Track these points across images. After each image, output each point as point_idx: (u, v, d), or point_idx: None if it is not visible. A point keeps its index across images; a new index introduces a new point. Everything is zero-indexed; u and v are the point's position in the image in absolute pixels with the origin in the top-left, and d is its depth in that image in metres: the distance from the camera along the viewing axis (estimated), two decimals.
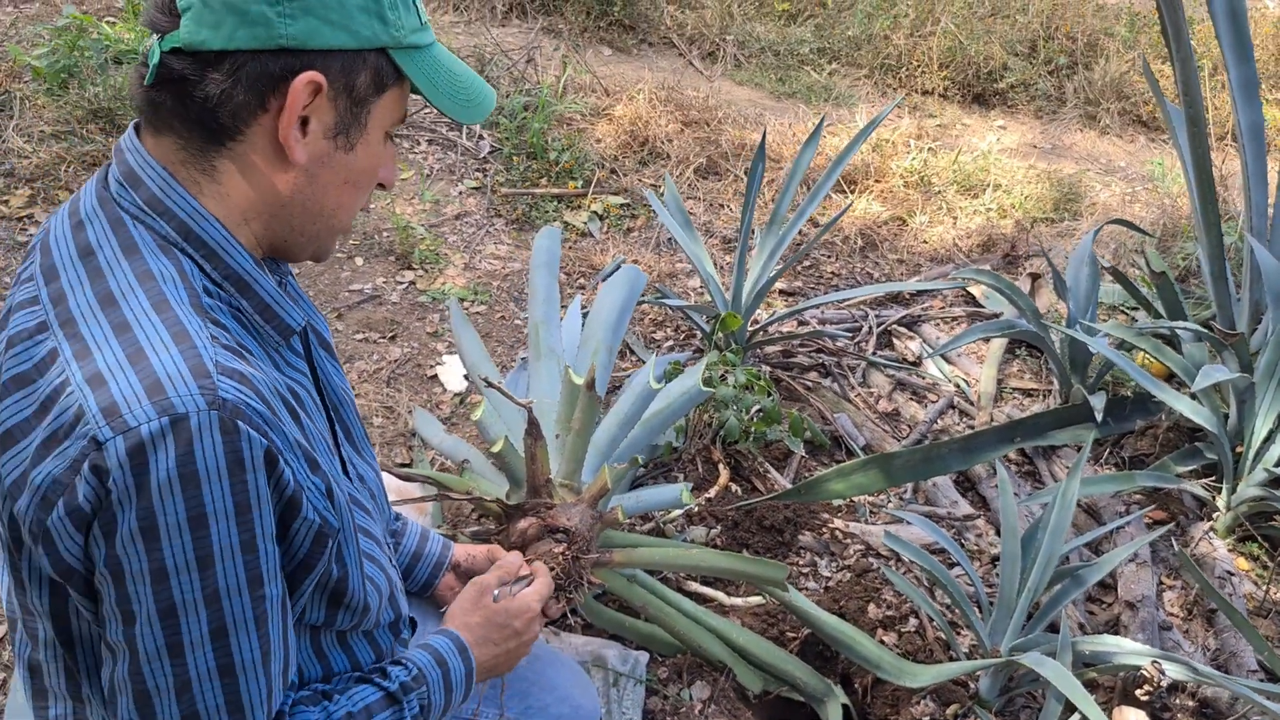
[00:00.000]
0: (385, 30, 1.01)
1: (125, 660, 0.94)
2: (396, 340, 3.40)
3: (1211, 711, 2.35)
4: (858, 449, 3.06)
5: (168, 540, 0.89)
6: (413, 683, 1.19)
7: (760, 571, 1.99)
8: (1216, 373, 2.59)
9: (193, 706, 0.95)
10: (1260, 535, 2.80)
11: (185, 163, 1.01)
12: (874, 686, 2.34)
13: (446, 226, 4.09)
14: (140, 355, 0.91)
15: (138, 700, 0.95)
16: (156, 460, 0.88)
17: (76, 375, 0.91)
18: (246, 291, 1.04)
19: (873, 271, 4.16)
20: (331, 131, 1.03)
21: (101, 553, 0.90)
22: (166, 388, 0.89)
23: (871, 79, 6.21)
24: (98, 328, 0.93)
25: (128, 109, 4.01)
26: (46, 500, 0.90)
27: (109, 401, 0.89)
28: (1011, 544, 2.28)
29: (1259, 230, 3.17)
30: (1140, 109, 6.08)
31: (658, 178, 4.56)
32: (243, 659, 0.97)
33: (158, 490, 0.88)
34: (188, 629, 0.93)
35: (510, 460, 1.89)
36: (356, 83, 1.02)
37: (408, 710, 1.16)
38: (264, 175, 1.02)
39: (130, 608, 0.91)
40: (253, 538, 0.94)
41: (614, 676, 2.16)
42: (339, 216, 1.11)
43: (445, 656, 1.26)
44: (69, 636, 1.02)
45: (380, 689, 1.16)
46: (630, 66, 5.81)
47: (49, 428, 0.91)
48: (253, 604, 0.96)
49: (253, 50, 0.96)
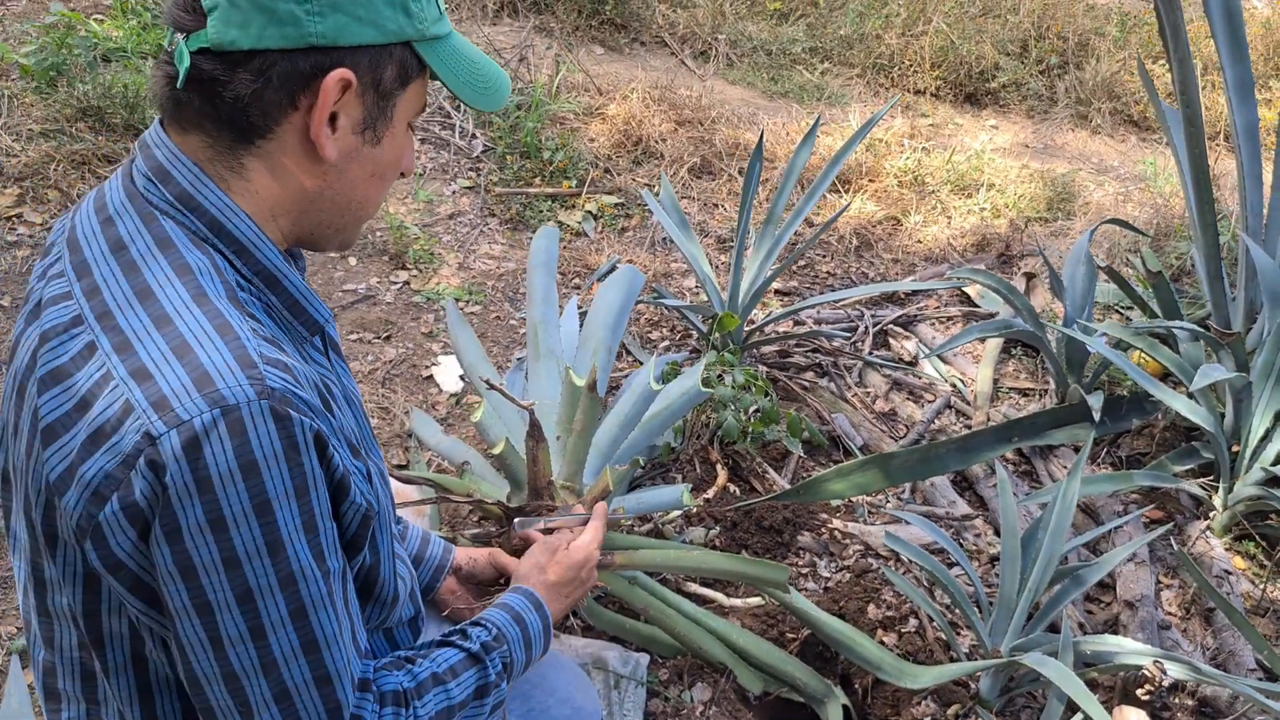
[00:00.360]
0: (410, 23, 1.02)
1: (207, 651, 0.94)
2: (391, 341, 3.38)
3: (1211, 710, 2.35)
4: (855, 449, 3.06)
5: (236, 530, 0.90)
6: (493, 642, 1.21)
7: (761, 573, 1.98)
8: (1214, 372, 2.59)
9: (282, 684, 0.97)
10: (1257, 534, 2.81)
11: (213, 160, 1.01)
12: (874, 687, 2.33)
13: (440, 226, 4.07)
14: (185, 348, 0.91)
15: (227, 683, 0.96)
16: (213, 452, 0.88)
17: (119, 369, 0.91)
18: (276, 287, 1.05)
19: (868, 271, 4.16)
20: (359, 126, 1.03)
21: (167, 551, 0.90)
22: (215, 380, 0.90)
23: (864, 78, 6.20)
24: (136, 320, 0.93)
25: (117, 107, 3.98)
26: (99, 495, 0.89)
27: (158, 395, 0.89)
28: (1011, 544, 2.28)
29: (1254, 230, 3.18)
30: (1132, 108, 6.09)
31: (652, 177, 4.55)
32: (324, 634, 0.98)
33: (219, 481, 0.89)
34: (267, 611, 0.94)
35: (511, 462, 1.88)
36: (383, 77, 1.02)
37: (491, 668, 1.18)
38: (293, 173, 1.03)
39: (207, 599, 0.92)
40: (313, 517, 0.95)
41: (615, 678, 2.14)
42: (366, 208, 1.11)
43: (522, 613, 1.29)
44: (99, 635, 1.01)
45: (462, 650, 1.18)
46: (623, 65, 5.80)
47: (94, 422, 0.90)
48: (324, 580, 0.98)
49: (282, 49, 0.95)
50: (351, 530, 1.04)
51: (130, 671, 1.03)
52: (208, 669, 0.95)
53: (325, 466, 0.97)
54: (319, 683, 0.99)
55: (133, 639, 1.01)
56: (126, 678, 1.03)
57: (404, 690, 1.10)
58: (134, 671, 1.03)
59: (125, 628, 1.00)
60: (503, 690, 1.21)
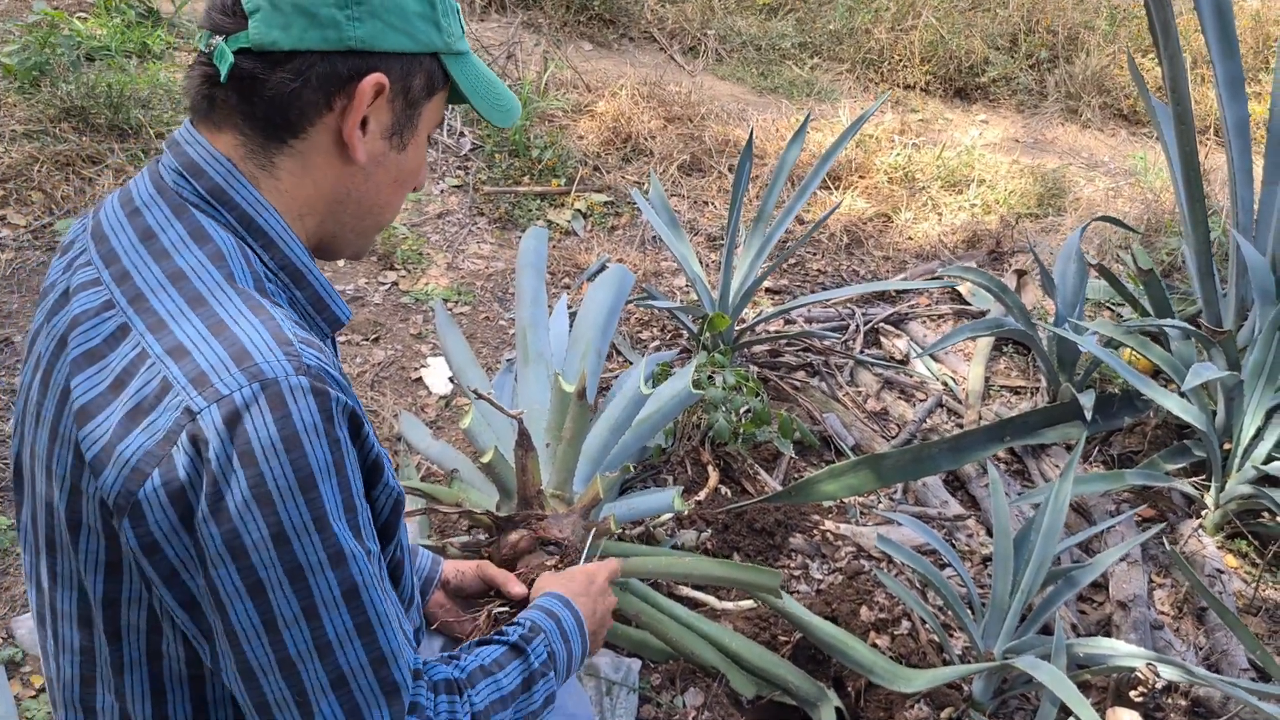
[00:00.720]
0: (439, 36, 1.07)
1: (261, 636, 0.93)
2: (380, 342, 3.36)
3: (1204, 711, 2.35)
4: (847, 449, 3.04)
5: (282, 503, 0.90)
6: (530, 633, 1.22)
7: (753, 579, 1.96)
8: (1206, 371, 2.58)
9: (338, 668, 0.96)
10: (1249, 533, 2.81)
11: (245, 158, 1.04)
12: (867, 690, 2.32)
13: (429, 226, 4.05)
14: (221, 326, 0.93)
15: (283, 670, 0.94)
16: (254, 426, 0.89)
17: (155, 347, 0.93)
18: (301, 282, 1.07)
19: (858, 268, 4.15)
20: (388, 132, 1.07)
21: (214, 530, 0.89)
22: (254, 354, 0.91)
23: (853, 73, 6.19)
24: (170, 302, 0.95)
25: (101, 107, 3.94)
26: (138, 472, 0.90)
27: (196, 371, 0.90)
28: (1004, 545, 2.27)
29: (1244, 226, 3.17)
30: (1121, 102, 6.09)
31: (641, 175, 4.53)
32: (376, 614, 0.98)
33: (262, 454, 0.89)
34: (318, 589, 0.93)
35: (500, 471, 1.86)
36: (413, 85, 1.07)
37: (535, 657, 1.19)
38: (323, 172, 1.06)
39: (258, 577, 0.91)
40: (351, 497, 0.96)
41: (607, 685, 2.13)
42: (385, 214, 1.15)
43: (552, 609, 1.30)
44: (116, 628, 1.00)
45: (502, 643, 1.19)
46: (611, 62, 5.77)
47: (131, 400, 0.92)
48: (367, 560, 0.97)
49: (322, 51, 0.99)
50: (384, 515, 1.06)
51: (145, 667, 1.02)
52: (262, 657, 0.94)
53: (360, 446, 0.99)
54: (375, 665, 0.98)
55: (150, 633, 1.00)
56: (141, 673, 1.03)
57: (456, 680, 1.10)
58: (149, 668, 1.02)
59: (144, 621, 0.99)
60: (551, 682, 1.21)
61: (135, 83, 4.17)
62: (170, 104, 4.19)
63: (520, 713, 1.15)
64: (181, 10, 5.05)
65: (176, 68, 4.62)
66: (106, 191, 3.66)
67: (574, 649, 1.29)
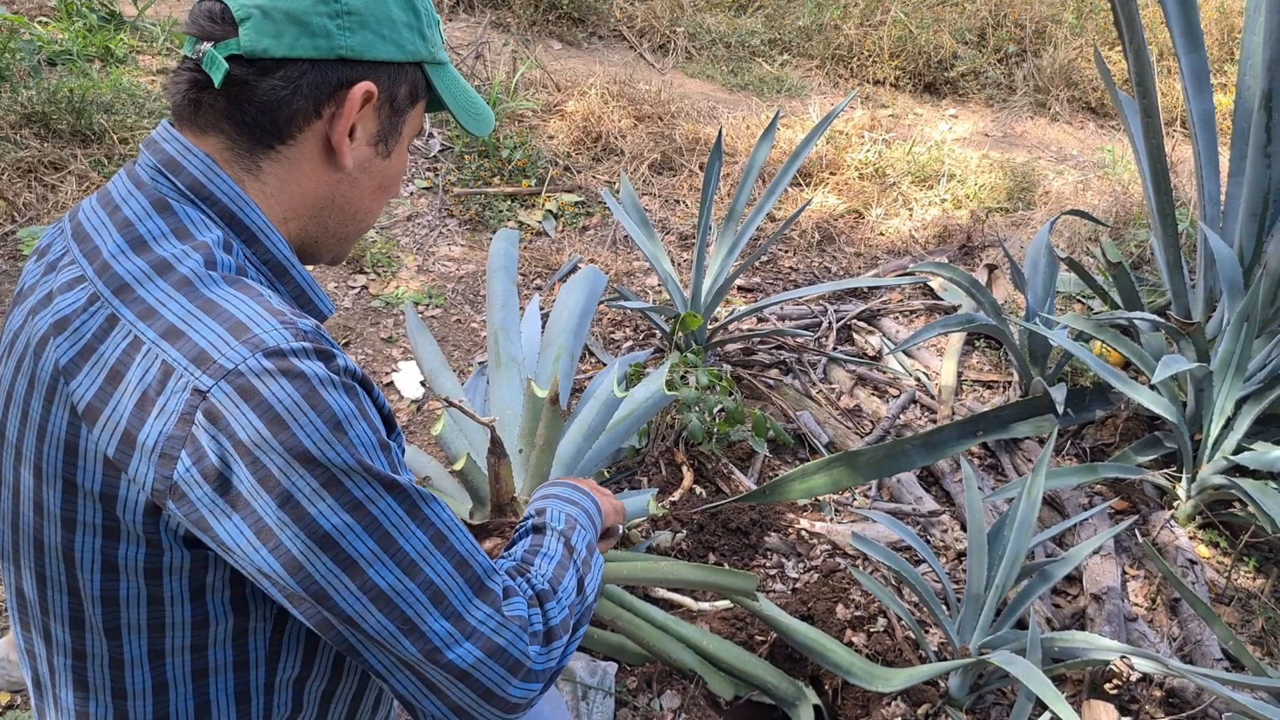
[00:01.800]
0: (424, 46, 1.09)
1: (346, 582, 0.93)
2: (350, 347, 3.33)
3: (1179, 701, 2.36)
4: (821, 447, 3.04)
5: (322, 454, 0.90)
6: (538, 516, 1.23)
7: (729, 582, 1.96)
8: (1176, 363, 2.60)
9: (431, 584, 0.97)
10: (1221, 523, 2.83)
11: (230, 162, 1.04)
12: (844, 687, 2.33)
13: (398, 228, 4.02)
14: (211, 305, 0.93)
15: (379, 605, 0.94)
16: (271, 391, 0.89)
17: (148, 333, 0.93)
18: (284, 277, 1.08)
19: (830, 265, 4.15)
20: (374, 139, 1.09)
21: (268, 499, 0.89)
22: (250, 326, 0.92)
23: (823, 69, 6.20)
24: (156, 289, 0.95)
25: (62, 113, 3.88)
26: (166, 458, 0.90)
27: (196, 351, 0.90)
28: (978, 540, 2.28)
29: (1212, 218, 3.19)
30: (1089, 95, 6.12)
31: (612, 174, 4.52)
32: (444, 521, 0.99)
33: (289, 415, 0.89)
34: (385, 516, 0.94)
35: (473, 478, 1.85)
36: (398, 94, 1.09)
37: (557, 523, 1.21)
38: (309, 178, 1.07)
39: (324, 528, 0.91)
40: (383, 438, 0.97)
41: (582, 690, 2.12)
42: (367, 220, 1.16)
43: (542, 494, 1.31)
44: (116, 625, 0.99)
45: (524, 534, 1.21)
46: (581, 61, 5.75)
47: (135, 389, 0.91)
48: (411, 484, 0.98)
49: (312, 59, 1.01)
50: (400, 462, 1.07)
51: (146, 665, 1.01)
52: (355, 603, 0.93)
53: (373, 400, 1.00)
54: (459, 568, 0.99)
55: (151, 630, 0.99)
56: (142, 671, 1.02)
57: (517, 565, 1.12)
58: (150, 665, 1.01)
59: (144, 618, 0.99)
60: (585, 534, 1.23)
61: (98, 87, 4.12)
62: (134, 108, 4.14)
63: (576, 566, 1.17)
64: (144, 14, 4.99)
65: (140, 72, 4.56)
66: (70, 198, 3.60)
67: (585, 505, 1.30)
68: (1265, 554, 2.79)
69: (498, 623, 1.00)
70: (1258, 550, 2.80)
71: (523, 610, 1.03)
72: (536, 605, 1.06)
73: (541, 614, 1.06)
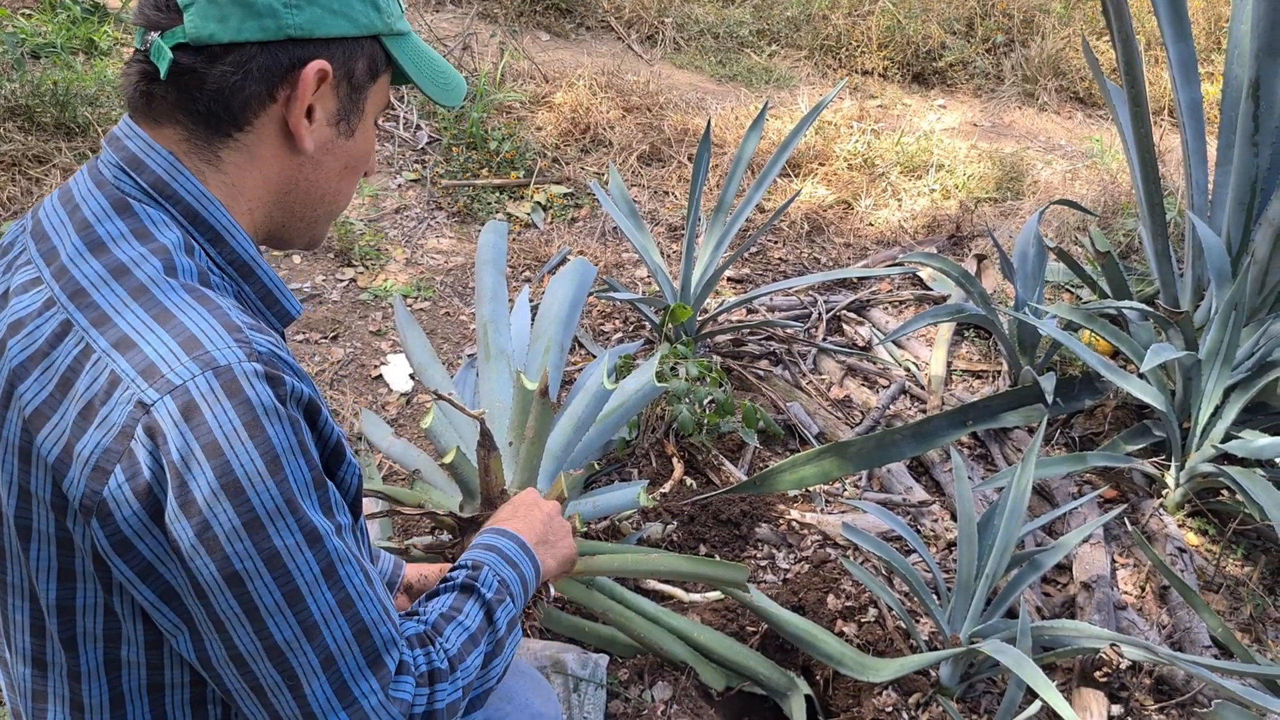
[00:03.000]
0: (379, 17, 1.05)
1: (245, 625, 0.91)
2: (339, 340, 3.32)
3: (1168, 689, 2.37)
4: (811, 437, 3.04)
5: (252, 490, 0.88)
6: (473, 570, 1.20)
7: (720, 574, 1.96)
8: (1164, 352, 2.60)
9: (326, 648, 0.95)
10: (1209, 511, 2.84)
11: (189, 153, 1.01)
12: (836, 677, 2.33)
13: (386, 221, 4.00)
14: (166, 315, 0.91)
15: (271, 657, 0.93)
16: (214, 413, 0.87)
17: (100, 341, 0.90)
18: (250, 276, 1.06)
19: (820, 256, 4.15)
20: (334, 118, 1.06)
21: (187, 525, 0.87)
22: (203, 341, 0.89)
23: (811, 60, 6.19)
24: (113, 295, 0.93)
25: (47, 106, 3.85)
26: (100, 470, 0.88)
27: (145, 363, 0.88)
28: (968, 530, 2.28)
29: (1200, 207, 3.20)
30: (1077, 85, 6.13)
31: (601, 166, 4.50)
32: (355, 587, 0.96)
33: (226, 442, 0.87)
34: (299, 572, 0.91)
35: (463, 471, 1.84)
36: (356, 69, 1.05)
37: (487, 590, 1.18)
38: (270, 164, 1.04)
39: (235, 569, 0.89)
40: (320, 475, 0.94)
41: (574, 682, 2.12)
42: (337, 202, 1.14)
43: (490, 542, 1.28)
44: (72, 635, 0.98)
45: (449, 589, 1.18)
46: (569, 52, 5.73)
47: (82, 398, 0.90)
48: (339, 534, 0.96)
49: (260, 42, 0.97)
50: (351, 495, 1.04)
51: (103, 677, 1.00)
52: (250, 646, 0.92)
53: (318, 433, 0.97)
54: (359, 637, 0.97)
55: (107, 641, 0.98)
56: (100, 683, 1.00)
57: (424, 632, 1.10)
58: (107, 677, 1.00)
59: (100, 628, 0.97)
60: (510, 607, 1.20)
61: (82, 80, 4.09)
62: (118, 101, 4.11)
63: (490, 644, 1.14)
64: (128, 5, 4.96)
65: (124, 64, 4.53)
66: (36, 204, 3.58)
67: (524, 571, 1.27)
68: (1253, 541, 2.81)
69: (379, 701, 0.98)
70: (1246, 538, 2.81)
71: (408, 693, 1.01)
72: (426, 685, 1.04)
73: (429, 696, 1.04)
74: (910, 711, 2.26)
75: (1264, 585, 2.69)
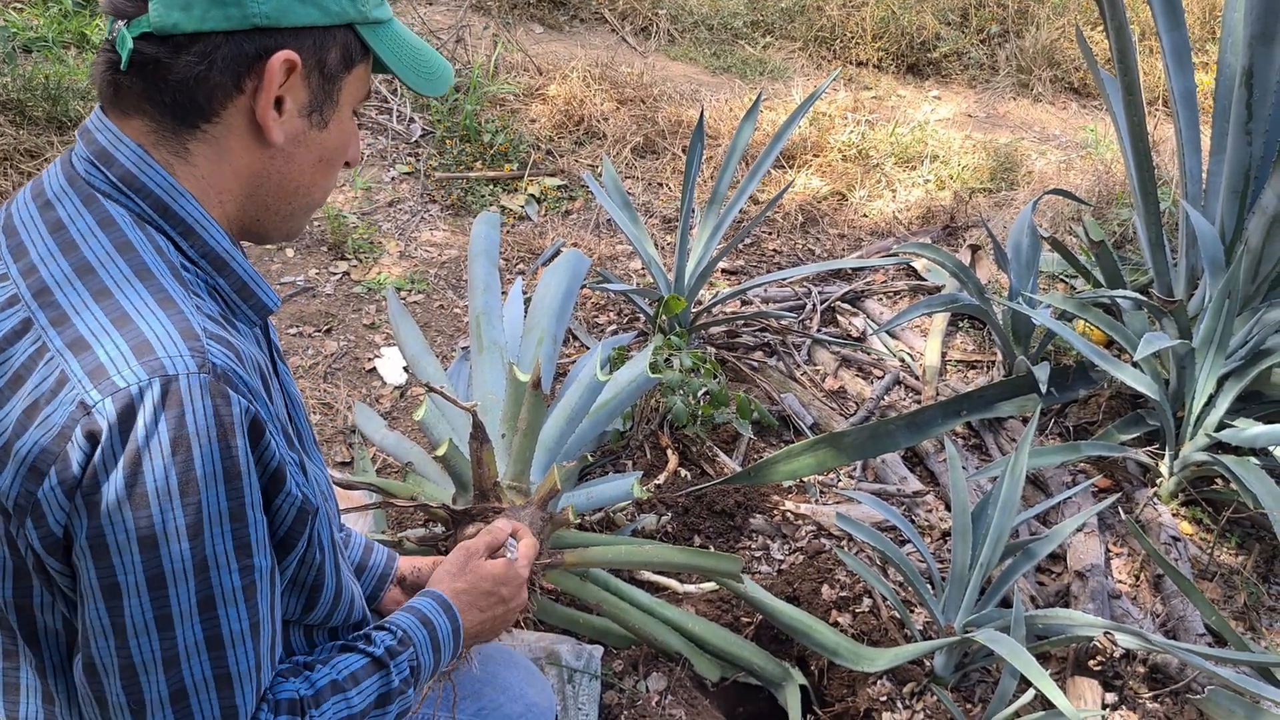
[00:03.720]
0: (352, 6, 1.02)
1: (109, 638, 0.90)
2: (332, 334, 3.31)
3: (1162, 677, 2.38)
4: (806, 428, 3.04)
5: (156, 505, 0.87)
6: (398, 646, 1.15)
7: (715, 565, 1.96)
8: (1158, 340, 2.60)
9: (180, 682, 0.93)
10: (1203, 499, 2.84)
11: (157, 145, 1.00)
12: (830, 667, 2.33)
13: (380, 214, 3.99)
14: (125, 319, 0.90)
15: (124, 677, 0.91)
16: (146, 422, 0.86)
17: (55, 341, 0.90)
18: (224, 270, 1.04)
19: (814, 247, 4.15)
20: (306, 110, 1.03)
21: (83, 523, 0.87)
22: (155, 348, 0.88)
23: (806, 51, 6.18)
24: (75, 295, 0.92)
25: (38, 100, 3.84)
26: (35, 471, 0.87)
27: (95, 364, 0.87)
28: (962, 520, 2.28)
29: (1194, 196, 3.20)
30: (1072, 75, 6.12)
31: (595, 158, 4.50)
32: (230, 631, 0.94)
33: (147, 454, 0.86)
34: (176, 600, 0.90)
35: (456, 463, 1.84)
36: (328, 59, 1.03)
37: (396, 674, 1.13)
38: (239, 156, 1.02)
39: (116, 580, 0.88)
40: (241, 505, 0.92)
41: (569, 673, 2.12)
42: (313, 194, 1.11)
43: (430, 616, 1.23)
44: (33, 632, 0.97)
45: (365, 655, 1.13)
46: (562, 44, 5.72)
47: (28, 396, 0.89)
48: (240, 574, 0.94)
49: (226, 31, 0.95)
50: (286, 525, 1.01)
51: (66, 674, 1.00)
52: (107, 659, 0.91)
53: (259, 455, 0.95)
54: (219, 683, 0.95)
55: (68, 637, 0.98)
56: (64, 680, 1.00)
57: (301, 698, 1.05)
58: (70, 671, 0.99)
59: (59, 624, 0.97)
60: (409, 699, 1.16)
61: (74, 74, 4.07)
62: None
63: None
64: None
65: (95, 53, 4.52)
66: None
67: (442, 658, 1.23)
68: (1247, 530, 2.81)
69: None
70: (1240, 526, 2.81)
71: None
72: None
73: None
74: (905, 701, 2.26)
75: (1258, 573, 2.69)
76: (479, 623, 1.31)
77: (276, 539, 1.01)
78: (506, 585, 1.35)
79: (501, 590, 1.34)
